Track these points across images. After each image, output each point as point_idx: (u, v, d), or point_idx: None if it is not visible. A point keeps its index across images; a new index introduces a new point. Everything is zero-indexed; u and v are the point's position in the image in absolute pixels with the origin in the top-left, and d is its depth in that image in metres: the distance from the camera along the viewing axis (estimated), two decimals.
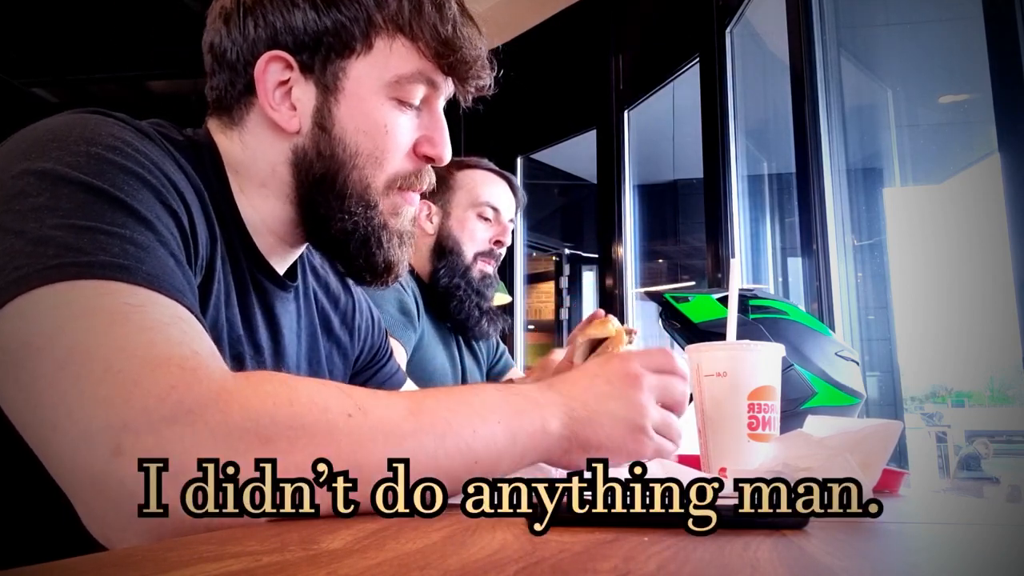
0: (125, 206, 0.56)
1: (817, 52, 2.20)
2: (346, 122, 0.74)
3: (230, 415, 0.47)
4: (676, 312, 1.21)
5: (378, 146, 0.75)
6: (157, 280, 0.53)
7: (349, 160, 0.75)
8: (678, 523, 0.45)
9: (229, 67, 0.75)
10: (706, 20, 2.79)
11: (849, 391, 1.11)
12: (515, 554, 0.35)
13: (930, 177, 2.95)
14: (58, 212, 0.53)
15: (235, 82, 0.75)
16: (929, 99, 2.90)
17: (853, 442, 0.58)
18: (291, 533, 0.42)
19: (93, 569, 0.31)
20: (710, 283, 2.72)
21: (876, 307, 2.44)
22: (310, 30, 0.72)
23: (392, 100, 0.75)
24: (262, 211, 0.77)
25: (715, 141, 2.71)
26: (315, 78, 0.74)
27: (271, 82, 0.73)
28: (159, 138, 0.66)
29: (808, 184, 2.14)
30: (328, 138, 0.74)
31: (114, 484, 0.46)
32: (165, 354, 0.49)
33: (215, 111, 0.78)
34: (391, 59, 0.74)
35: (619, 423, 0.66)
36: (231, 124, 0.77)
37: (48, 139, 0.58)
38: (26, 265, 0.50)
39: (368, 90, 0.74)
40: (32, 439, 0.50)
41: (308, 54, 0.73)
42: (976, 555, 0.44)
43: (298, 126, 0.74)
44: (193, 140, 0.74)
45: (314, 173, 0.75)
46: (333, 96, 0.74)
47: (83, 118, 0.62)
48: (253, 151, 0.76)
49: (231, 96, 0.76)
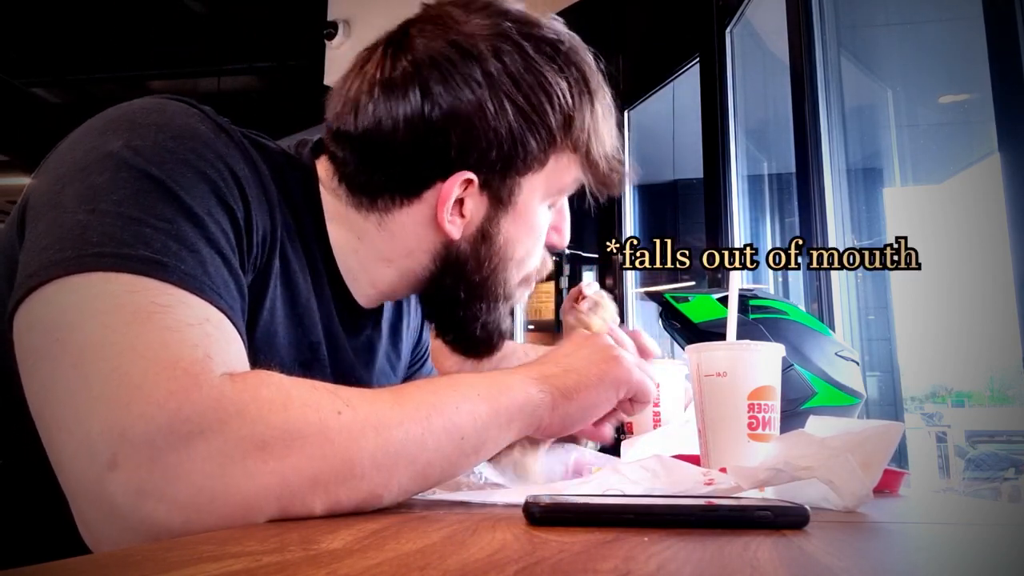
0: (177, 200, 0.56)
1: (817, 52, 2.20)
2: (510, 231, 0.75)
3: (227, 423, 0.48)
4: (676, 312, 1.21)
5: (528, 252, 0.78)
6: (193, 280, 0.53)
7: (503, 264, 0.76)
8: (678, 522, 0.45)
9: (394, 169, 0.71)
10: (706, 20, 2.79)
11: (849, 391, 1.11)
12: (515, 554, 0.35)
13: (930, 177, 2.95)
14: (112, 197, 0.54)
15: (392, 181, 0.72)
16: (929, 99, 2.90)
17: (854, 443, 0.58)
18: (291, 533, 0.42)
19: (93, 569, 0.31)
20: (710, 283, 2.72)
21: (876, 307, 2.44)
22: (501, 152, 0.71)
23: (547, 203, 0.78)
24: (372, 274, 0.76)
25: (715, 141, 2.71)
26: (490, 192, 0.73)
27: (452, 197, 0.71)
28: (238, 136, 0.65)
29: (808, 184, 2.14)
30: (489, 246, 0.75)
31: (106, 498, 0.46)
32: (174, 357, 0.49)
33: (347, 185, 0.73)
34: (559, 172, 0.75)
35: (593, 361, 0.70)
36: (370, 207, 0.73)
37: (125, 119, 0.60)
38: (69, 248, 0.52)
39: (536, 202, 0.76)
40: (43, 435, 0.50)
41: (489, 172, 0.72)
42: (976, 555, 0.44)
43: (459, 235, 0.74)
44: (293, 156, 0.73)
45: (463, 271, 0.75)
46: (504, 209, 0.74)
47: (162, 103, 0.62)
48: (393, 235, 0.74)
49: (381, 189, 0.72)
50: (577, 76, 0.74)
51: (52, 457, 0.49)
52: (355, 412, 0.52)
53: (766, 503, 0.48)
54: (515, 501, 0.57)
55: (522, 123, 0.71)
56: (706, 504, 0.47)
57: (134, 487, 0.46)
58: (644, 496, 0.58)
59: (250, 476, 0.47)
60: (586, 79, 0.75)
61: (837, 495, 0.56)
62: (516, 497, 0.56)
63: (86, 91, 5.56)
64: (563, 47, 0.74)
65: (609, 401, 0.71)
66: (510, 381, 0.64)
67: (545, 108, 0.71)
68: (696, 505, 0.47)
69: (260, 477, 0.48)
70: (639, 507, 0.47)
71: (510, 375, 0.65)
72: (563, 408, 0.66)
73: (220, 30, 4.87)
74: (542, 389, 0.65)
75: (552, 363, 0.69)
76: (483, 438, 0.59)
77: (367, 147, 0.71)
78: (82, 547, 0.48)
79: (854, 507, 0.57)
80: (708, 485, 0.58)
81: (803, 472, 0.55)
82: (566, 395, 0.66)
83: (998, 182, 1.50)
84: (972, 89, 2.48)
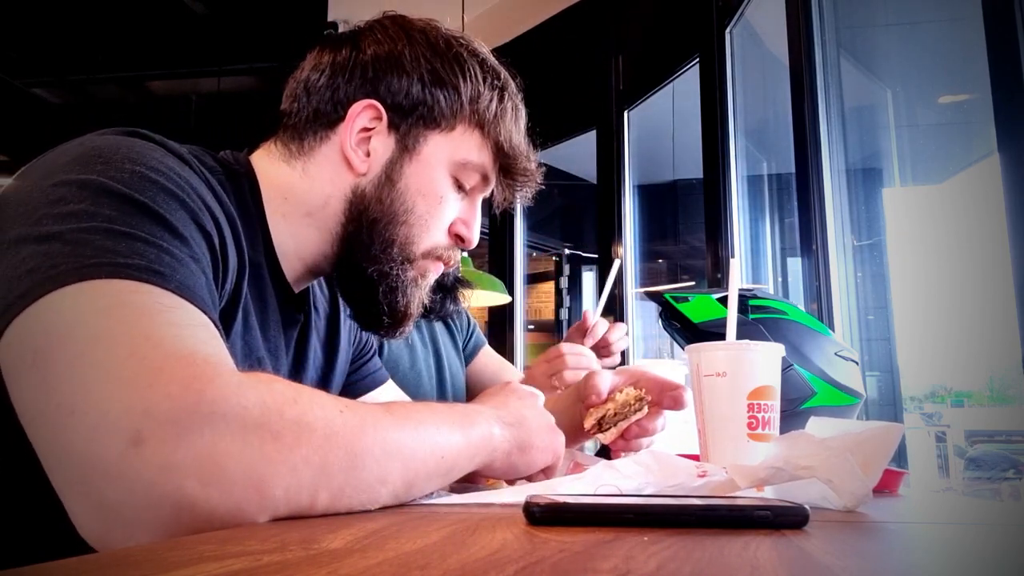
0: (163, 220, 0.58)
1: (817, 52, 2.20)
2: (411, 181, 0.81)
3: (248, 409, 0.49)
4: (676, 312, 1.21)
5: (430, 211, 0.83)
6: (188, 290, 0.56)
7: (403, 214, 0.81)
8: (678, 522, 0.45)
9: (319, 102, 0.81)
10: (706, 20, 2.79)
11: (849, 391, 1.11)
12: (515, 554, 0.35)
13: (930, 177, 2.95)
14: (98, 217, 0.55)
15: (319, 116, 0.81)
16: (929, 99, 2.90)
17: (854, 443, 0.58)
18: (291, 532, 0.42)
19: (93, 569, 0.31)
20: (710, 283, 2.72)
21: (876, 307, 2.44)
22: (410, 97, 0.81)
23: (451, 178, 0.84)
24: (298, 238, 0.81)
25: (715, 141, 2.71)
26: (397, 136, 0.81)
27: (358, 125, 0.80)
28: (196, 164, 0.69)
29: (808, 184, 2.14)
30: (391, 189, 0.81)
31: (130, 474, 0.46)
32: (190, 348, 0.51)
33: (284, 136, 0.83)
34: (465, 144, 0.83)
35: (542, 427, 0.76)
36: (298, 152, 0.82)
37: (93, 155, 0.60)
38: (62, 264, 0.52)
39: (438, 161, 0.82)
40: (45, 431, 0.49)
41: (400, 115, 0.81)
42: (976, 555, 0.44)
43: (366, 169, 0.81)
44: (228, 165, 0.78)
45: (368, 215, 0.81)
46: (408, 155, 0.82)
47: (129, 141, 0.64)
48: (312, 180, 0.81)
49: (308, 127, 0.82)
50: (491, 71, 0.85)
51: (59, 448, 0.48)
52: (354, 412, 0.55)
53: (766, 503, 0.48)
54: (515, 501, 0.57)
55: (434, 78, 0.81)
56: (706, 504, 0.47)
57: (160, 462, 0.46)
58: (644, 496, 0.58)
59: (267, 461, 0.49)
60: (498, 75, 0.86)
61: (837, 495, 0.56)
62: (516, 497, 0.56)
63: (86, 91, 5.56)
64: (487, 57, 0.86)
65: (540, 464, 0.75)
66: (477, 417, 0.68)
67: (457, 76, 0.82)
68: (696, 505, 0.47)
69: (275, 464, 0.49)
70: (639, 507, 0.47)
71: (477, 412, 0.69)
72: (515, 457, 0.72)
73: (220, 30, 4.87)
74: (503, 434, 0.70)
75: (508, 411, 0.73)
76: (454, 463, 0.63)
77: (303, 92, 0.83)
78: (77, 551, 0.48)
79: (854, 507, 0.57)
80: (701, 477, 0.58)
81: (803, 472, 0.55)
82: (521, 447, 0.72)
83: (997, 182, 1.50)
84: (972, 89, 2.48)
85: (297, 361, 0.86)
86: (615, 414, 0.89)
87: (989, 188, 1.66)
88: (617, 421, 0.89)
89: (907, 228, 2.61)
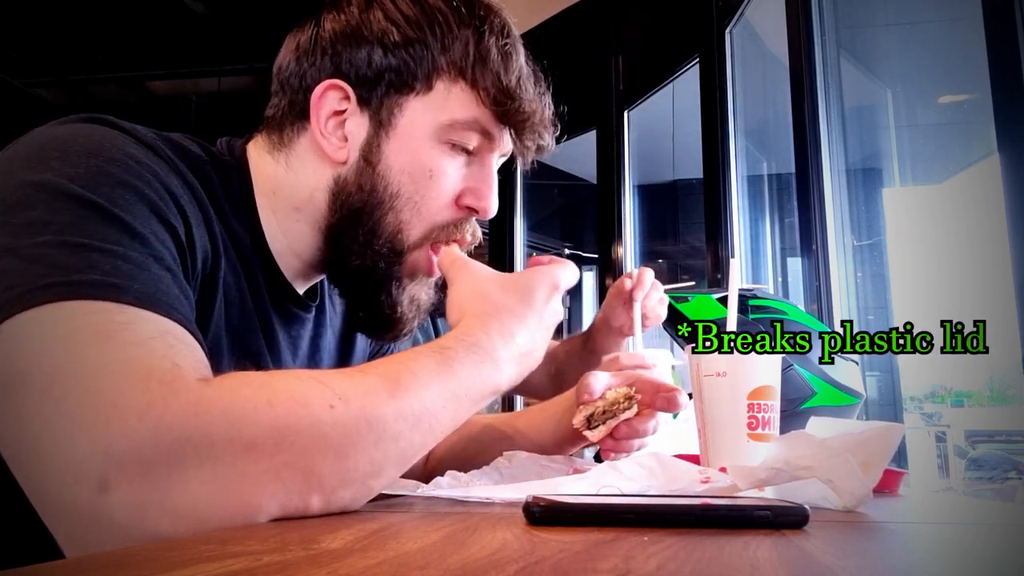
0: (119, 221, 0.56)
1: (817, 52, 2.20)
2: (392, 160, 0.74)
3: (213, 425, 0.47)
4: (676, 312, 1.21)
5: (419, 190, 0.75)
6: (147, 297, 0.53)
7: (388, 200, 0.74)
8: (678, 522, 0.45)
9: (291, 90, 0.77)
10: (706, 20, 2.79)
11: (849, 391, 1.11)
12: (515, 554, 0.35)
13: (930, 177, 2.95)
14: (52, 227, 0.53)
15: (293, 106, 0.77)
16: (929, 99, 2.90)
17: (855, 443, 0.58)
18: (291, 532, 0.42)
19: (93, 569, 0.31)
20: (710, 283, 2.72)
21: (876, 307, 2.44)
22: (374, 65, 0.73)
23: (444, 144, 0.75)
24: (290, 234, 0.77)
25: (715, 141, 2.70)
26: (371, 112, 0.74)
27: (326, 110, 0.74)
28: (165, 151, 0.66)
29: (808, 184, 2.14)
30: (371, 173, 0.74)
31: (104, 518, 0.46)
32: (146, 369, 0.48)
33: (267, 130, 0.79)
34: (449, 102, 0.74)
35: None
36: (280, 145, 0.77)
37: (52, 147, 0.59)
38: (17, 285, 0.50)
39: (420, 131, 0.74)
40: (19, 468, 0.49)
41: (368, 88, 0.74)
42: (976, 555, 0.44)
43: (345, 157, 0.75)
44: (219, 157, 0.75)
45: (350, 205, 0.75)
46: (384, 131, 0.74)
47: (88, 128, 0.62)
48: (296, 174, 0.76)
49: (286, 118, 0.77)
50: (465, 10, 0.75)
51: (34, 488, 0.48)
52: (348, 406, 0.52)
53: (766, 503, 0.48)
54: (515, 500, 0.57)
55: (396, 39, 0.73)
56: (706, 504, 0.47)
57: (132, 503, 0.45)
58: (644, 496, 0.58)
59: (244, 476, 0.47)
60: (474, 12, 0.75)
61: (837, 495, 0.56)
62: (516, 497, 0.56)
63: (86, 91, 5.56)
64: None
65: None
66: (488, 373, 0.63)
67: (423, 29, 0.73)
68: (696, 505, 0.47)
69: (254, 476, 0.48)
70: (639, 507, 0.47)
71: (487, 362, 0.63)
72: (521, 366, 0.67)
73: (220, 30, 4.87)
74: (513, 371, 0.66)
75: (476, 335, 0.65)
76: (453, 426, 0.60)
77: (276, 82, 0.79)
78: None
79: (854, 507, 0.57)
80: (704, 483, 0.58)
81: (803, 472, 0.55)
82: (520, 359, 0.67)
83: (997, 182, 1.50)
84: (971, 89, 2.47)
85: (307, 360, 0.82)
86: (604, 412, 0.88)
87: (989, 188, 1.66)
88: (606, 419, 0.88)
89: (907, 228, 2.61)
